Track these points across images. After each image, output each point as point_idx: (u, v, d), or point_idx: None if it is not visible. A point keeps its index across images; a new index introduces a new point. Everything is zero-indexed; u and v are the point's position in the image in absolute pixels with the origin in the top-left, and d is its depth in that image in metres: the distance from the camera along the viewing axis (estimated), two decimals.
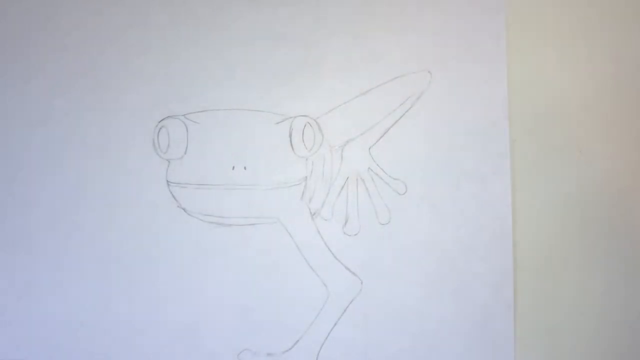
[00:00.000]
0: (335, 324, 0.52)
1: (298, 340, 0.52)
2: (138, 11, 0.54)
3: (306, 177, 0.53)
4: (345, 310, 0.52)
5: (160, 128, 0.52)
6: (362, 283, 0.52)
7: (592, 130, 0.54)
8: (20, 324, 0.52)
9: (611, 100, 0.54)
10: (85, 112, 0.53)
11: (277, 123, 0.53)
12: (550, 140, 0.54)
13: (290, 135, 0.53)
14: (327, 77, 0.53)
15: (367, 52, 0.53)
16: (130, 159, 0.53)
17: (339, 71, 0.53)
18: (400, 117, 0.53)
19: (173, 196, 0.52)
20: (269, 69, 0.53)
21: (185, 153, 0.52)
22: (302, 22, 0.53)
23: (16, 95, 0.53)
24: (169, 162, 0.52)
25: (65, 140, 0.53)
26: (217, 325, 0.52)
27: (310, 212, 0.53)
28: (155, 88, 0.53)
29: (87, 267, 0.52)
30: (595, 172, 0.54)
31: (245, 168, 0.52)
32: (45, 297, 0.52)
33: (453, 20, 0.53)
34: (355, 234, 0.53)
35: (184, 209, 0.52)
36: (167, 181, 0.52)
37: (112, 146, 0.53)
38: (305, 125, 0.53)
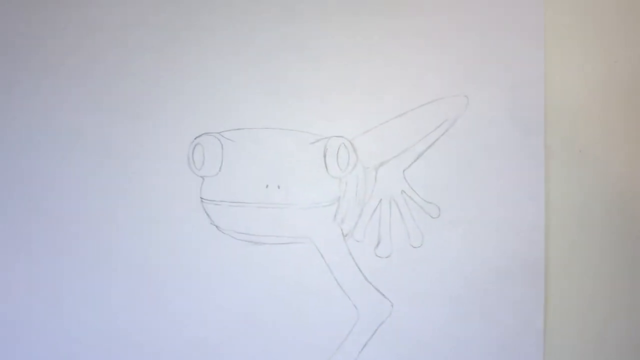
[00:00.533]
0: (365, 346, 0.52)
1: None
2: (173, 28, 0.54)
3: (339, 197, 0.53)
4: (375, 333, 0.52)
5: (196, 145, 0.53)
6: (392, 305, 0.52)
7: (633, 161, 0.54)
8: (53, 338, 0.52)
9: None
10: (119, 127, 0.53)
11: (312, 143, 0.53)
12: (586, 169, 0.54)
13: (324, 156, 0.53)
14: (362, 98, 0.53)
15: (404, 74, 0.53)
16: (164, 174, 0.53)
17: (375, 93, 0.53)
18: (435, 141, 0.53)
19: (206, 213, 0.52)
20: (304, 89, 0.53)
21: (219, 170, 0.52)
22: (337, 42, 0.53)
23: (48, 109, 0.53)
24: (203, 179, 0.53)
25: (97, 155, 0.53)
26: (245, 343, 0.52)
27: (343, 233, 0.53)
28: (191, 105, 0.53)
29: (118, 282, 0.52)
30: (635, 200, 0.54)
31: (278, 187, 0.52)
32: (76, 310, 0.52)
33: (491, 44, 0.53)
34: (387, 256, 0.53)
35: (216, 226, 0.52)
36: (201, 198, 0.52)
37: (146, 162, 0.53)
38: (339, 146, 0.53)
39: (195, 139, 0.53)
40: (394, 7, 0.53)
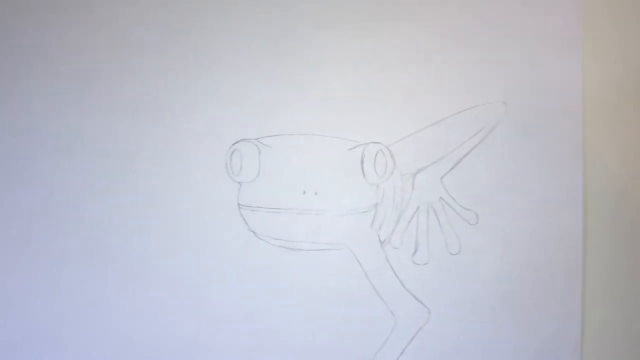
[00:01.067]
0: (402, 353, 0.52)
1: None
2: (210, 35, 0.54)
3: (376, 204, 0.53)
4: (412, 339, 0.52)
5: (234, 151, 0.53)
6: (429, 312, 0.52)
7: None
8: (92, 344, 0.52)
9: None
10: (156, 133, 0.53)
11: (349, 149, 0.53)
12: (624, 175, 0.53)
13: (362, 162, 0.53)
14: (399, 105, 0.53)
15: (441, 81, 0.53)
16: (202, 180, 0.53)
17: (412, 99, 0.53)
18: (473, 148, 0.53)
19: (243, 219, 0.52)
20: (341, 95, 0.53)
21: (257, 176, 0.52)
22: (374, 49, 0.53)
23: (84, 117, 0.54)
24: (240, 184, 0.53)
25: (135, 161, 0.53)
26: (282, 349, 0.52)
27: (380, 240, 0.53)
28: (229, 111, 0.53)
29: (155, 287, 0.52)
30: None
31: (316, 193, 0.52)
32: (112, 316, 0.52)
33: (529, 52, 0.53)
34: (425, 263, 0.53)
35: (253, 232, 0.52)
36: (238, 204, 0.52)
37: (184, 167, 0.53)
38: (377, 153, 0.53)
39: (232, 145, 0.53)
40: (432, 13, 0.53)
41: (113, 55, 0.54)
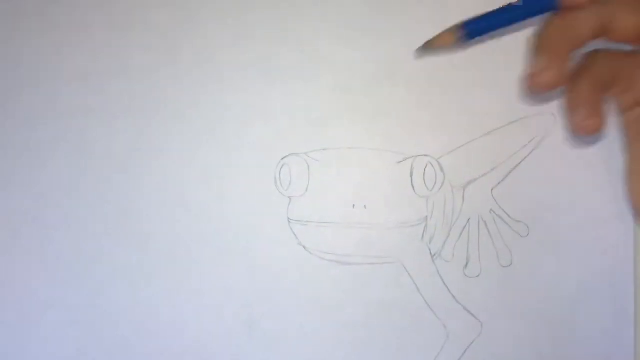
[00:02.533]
0: None
1: None
2: (260, 51, 0.54)
3: (427, 217, 0.53)
4: (464, 353, 0.52)
5: (283, 165, 0.53)
6: (482, 325, 0.52)
7: None
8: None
9: None
10: (206, 149, 0.53)
11: (398, 162, 0.53)
12: None
13: (411, 175, 0.52)
14: (448, 117, 0.53)
15: (490, 92, 0.53)
16: (252, 195, 0.53)
17: (461, 111, 0.53)
18: (524, 159, 0.53)
19: (294, 233, 0.52)
20: (390, 108, 0.53)
21: (306, 191, 0.52)
22: (423, 63, 0.53)
23: (137, 124, 0.54)
24: (290, 199, 0.53)
25: (184, 177, 0.53)
26: None
27: (431, 253, 0.53)
28: (278, 126, 0.53)
29: (205, 303, 0.52)
30: None
31: (365, 207, 0.52)
32: (162, 332, 0.52)
33: None
34: (477, 276, 0.52)
35: (304, 247, 0.52)
36: (288, 218, 0.52)
37: (234, 183, 0.53)
38: (426, 165, 0.52)
39: (282, 159, 0.53)
40: None
41: (163, 69, 0.54)
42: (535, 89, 0.36)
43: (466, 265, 0.52)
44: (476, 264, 0.52)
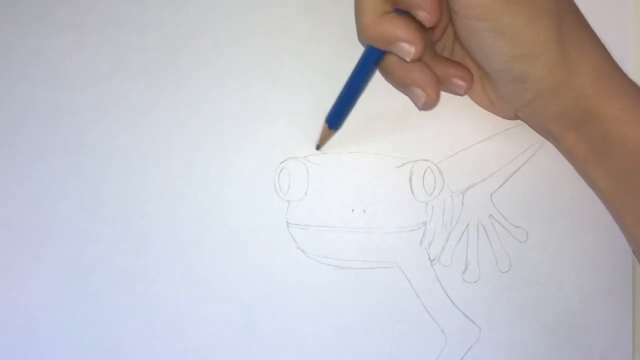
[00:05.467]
0: None
1: None
2: (259, 54, 0.54)
3: (426, 222, 0.52)
4: (463, 357, 0.52)
5: (281, 169, 0.53)
6: (480, 330, 0.52)
7: None
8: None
9: None
10: (205, 153, 0.53)
11: (398, 167, 0.53)
12: None
13: (410, 180, 0.52)
14: (447, 122, 0.53)
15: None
16: (251, 199, 0.53)
17: (460, 116, 0.53)
18: (523, 164, 0.53)
19: (292, 237, 0.52)
20: (389, 112, 0.53)
21: (305, 195, 0.52)
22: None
23: (136, 127, 0.54)
24: (289, 203, 0.52)
25: (183, 181, 0.53)
26: None
27: (429, 258, 0.52)
28: (276, 129, 0.53)
29: (204, 307, 0.52)
30: None
31: (364, 211, 0.52)
32: (161, 336, 0.52)
33: None
34: (475, 281, 0.52)
35: (302, 251, 0.52)
36: (287, 222, 0.52)
37: (232, 186, 0.53)
38: (425, 170, 0.52)
39: (281, 163, 0.53)
40: None
41: (162, 70, 0.54)
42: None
43: (465, 270, 0.52)
44: (475, 269, 0.52)
